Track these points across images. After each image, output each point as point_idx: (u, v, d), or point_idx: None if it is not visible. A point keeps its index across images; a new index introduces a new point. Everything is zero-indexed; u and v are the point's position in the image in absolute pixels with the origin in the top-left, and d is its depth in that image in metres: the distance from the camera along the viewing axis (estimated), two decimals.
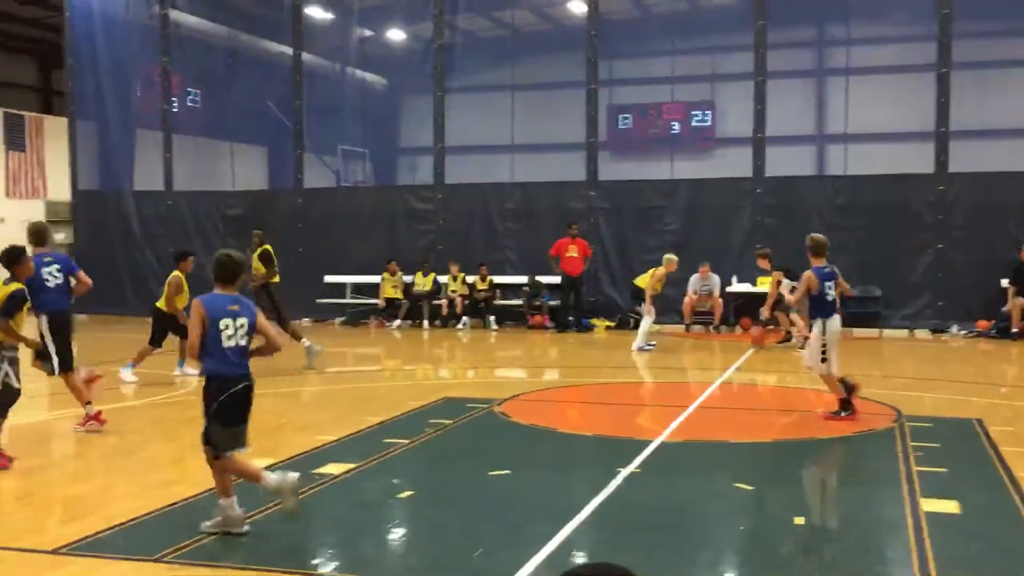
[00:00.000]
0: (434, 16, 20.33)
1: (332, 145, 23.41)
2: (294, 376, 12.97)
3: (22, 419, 10.36)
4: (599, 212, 19.44)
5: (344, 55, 23.10)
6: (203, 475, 7.36)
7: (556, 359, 15.74)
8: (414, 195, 20.79)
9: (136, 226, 21.95)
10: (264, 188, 23.19)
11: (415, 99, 23.60)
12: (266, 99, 22.98)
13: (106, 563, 5.45)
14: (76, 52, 22.29)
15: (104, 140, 22.83)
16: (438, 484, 7.44)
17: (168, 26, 21.81)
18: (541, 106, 21.79)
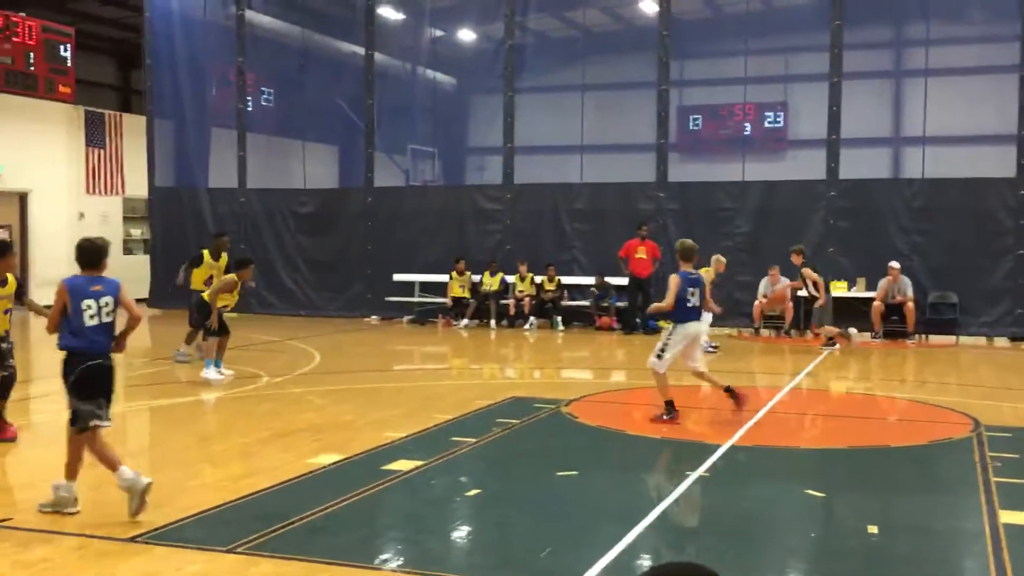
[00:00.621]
0: (505, 17, 20.37)
1: (402, 144, 23.58)
2: (363, 374, 13.09)
3: None
4: (668, 214, 19.30)
5: (415, 55, 23.25)
6: (274, 469, 7.48)
7: (623, 361, 15.66)
8: (483, 195, 20.85)
9: (210, 223, 22.32)
10: (335, 186, 23.46)
11: (485, 99, 23.67)
12: (338, 98, 23.22)
13: (180, 552, 5.55)
14: (155, 52, 22.76)
15: (180, 138, 23.29)
16: (505, 483, 7.44)
17: (244, 26, 22.17)
18: (611, 106, 21.70)
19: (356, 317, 20.96)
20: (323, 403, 10.88)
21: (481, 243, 20.43)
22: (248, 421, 9.67)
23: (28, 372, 13.99)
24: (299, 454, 8.01)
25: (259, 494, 6.81)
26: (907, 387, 12.98)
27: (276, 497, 6.76)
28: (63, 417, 10.15)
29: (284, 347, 15.90)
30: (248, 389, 11.66)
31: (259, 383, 12.03)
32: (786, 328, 18.03)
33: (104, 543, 5.68)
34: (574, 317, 19.59)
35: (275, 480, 7.14)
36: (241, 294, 12.81)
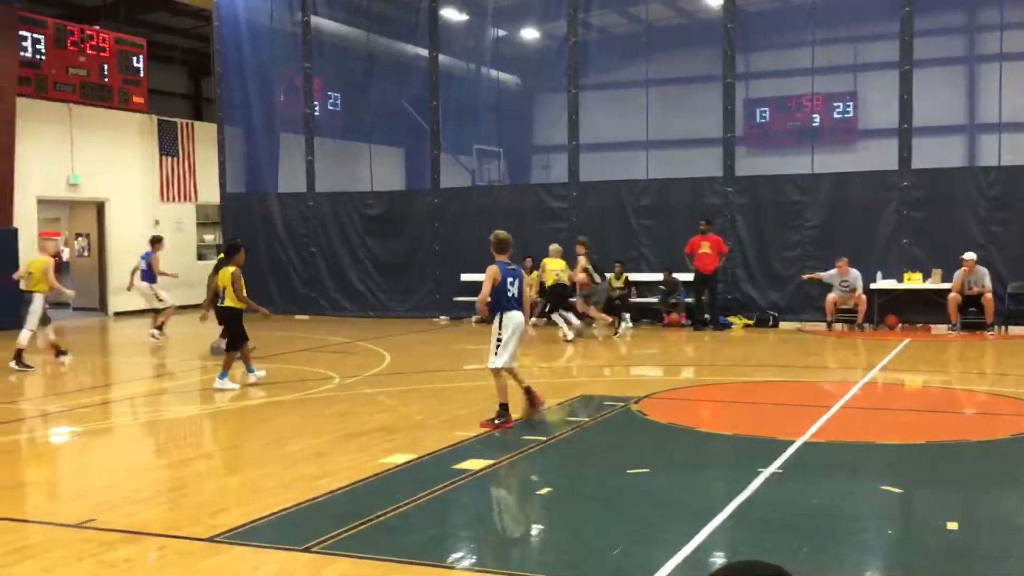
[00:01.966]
0: (568, 14, 20.34)
1: (467, 145, 23.68)
2: (433, 374, 13.18)
3: (176, 412, 10.87)
4: (736, 208, 19.10)
5: (479, 55, 23.33)
6: (348, 469, 7.58)
7: (692, 357, 15.54)
8: (548, 193, 20.85)
9: (280, 227, 22.69)
10: (401, 188, 23.65)
11: (549, 97, 23.66)
12: (403, 101, 23.41)
13: (258, 551, 5.66)
14: (224, 60, 23.19)
15: (250, 144, 23.69)
16: (576, 481, 7.44)
17: (309, 32, 22.46)
18: (676, 101, 21.53)
19: (425, 318, 21.12)
20: (394, 403, 10.99)
21: (547, 241, 20.37)
22: (321, 422, 9.81)
23: (108, 377, 14.38)
24: (372, 454, 8.10)
25: (333, 494, 6.90)
26: (987, 380, 12.68)
27: (350, 497, 6.85)
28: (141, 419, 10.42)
29: (355, 348, 16.09)
30: (321, 390, 11.82)
31: (331, 384, 12.19)
32: (859, 322, 17.71)
33: (184, 543, 5.81)
34: (642, 314, 19.48)
35: (349, 480, 7.23)
36: None
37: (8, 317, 19.86)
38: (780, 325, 18.53)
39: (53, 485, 7.80)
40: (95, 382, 13.69)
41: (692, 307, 18.73)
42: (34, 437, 9.76)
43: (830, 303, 17.80)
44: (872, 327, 17.79)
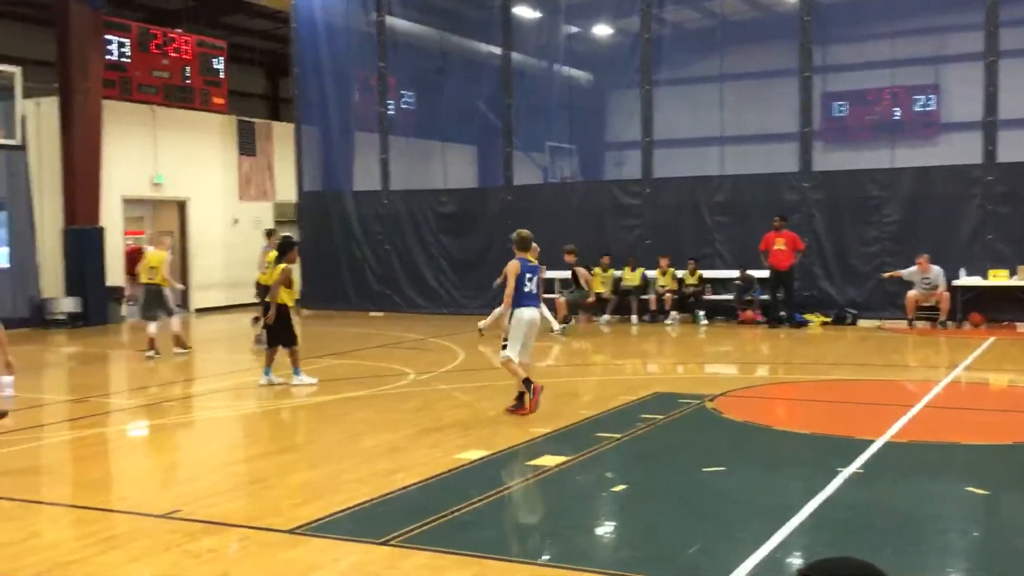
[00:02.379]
0: (641, 10, 20.21)
1: (540, 142, 23.68)
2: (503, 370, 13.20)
3: (255, 406, 11.09)
4: (813, 204, 18.79)
5: (551, 52, 23.31)
6: (423, 464, 7.66)
7: (768, 355, 15.35)
8: (621, 190, 20.76)
9: (355, 225, 22.95)
10: (474, 186, 23.75)
11: (622, 93, 23.53)
12: (475, 99, 23.50)
13: (337, 544, 5.75)
14: (301, 61, 23.53)
15: (326, 143, 24.01)
16: (651, 479, 7.41)
17: (384, 32, 22.68)
18: (751, 96, 21.26)
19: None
20: (468, 399, 11.06)
21: (620, 238, 20.35)
22: (396, 417, 9.92)
23: (191, 371, 14.72)
24: (446, 450, 8.17)
25: (409, 488, 6.98)
26: None
27: (426, 492, 6.92)
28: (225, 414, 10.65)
29: (429, 345, 16.22)
30: (396, 386, 11.95)
31: (406, 380, 12.31)
32: (941, 320, 17.31)
33: (266, 534, 5.93)
34: (717, 311, 19.30)
35: (424, 475, 7.31)
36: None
37: (99, 313, 20.51)
38: (859, 323, 18.19)
39: (139, 477, 8.02)
40: (178, 377, 14.02)
41: (767, 304, 18.50)
42: (121, 430, 10.04)
43: (911, 301, 17.42)
44: (955, 325, 17.37)
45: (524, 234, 10.01)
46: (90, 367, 15.25)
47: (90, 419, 10.27)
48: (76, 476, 8.03)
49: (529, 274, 9.71)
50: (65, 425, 10.10)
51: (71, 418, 10.51)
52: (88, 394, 12.05)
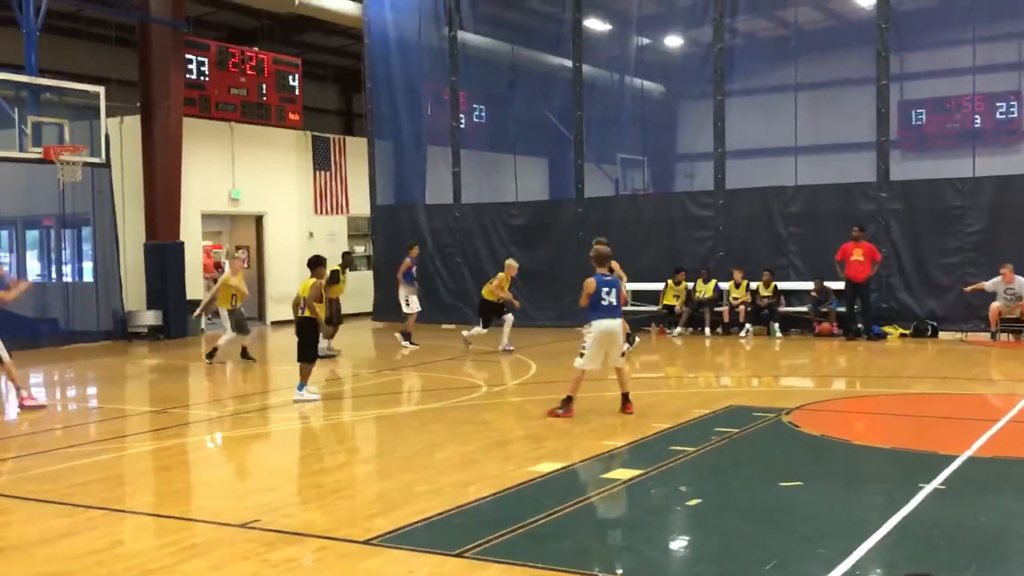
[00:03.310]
0: (713, 20, 20.08)
1: (611, 154, 23.64)
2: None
3: (330, 418, 11.22)
4: (890, 214, 18.44)
5: (622, 64, 23.28)
6: (497, 476, 7.67)
7: (845, 368, 15.08)
8: (693, 201, 20.61)
9: (428, 238, 23.13)
10: (545, 198, 23.79)
11: (693, 104, 23.38)
12: (547, 111, 23.57)
13: (412, 555, 5.79)
14: (374, 76, 23.85)
15: (399, 157, 24.28)
16: (726, 493, 7.32)
17: (456, 47, 22.88)
18: (826, 105, 20.96)
19: (570, 327, 21.13)
20: (541, 412, 11.05)
21: (693, 250, 20.19)
22: (469, 429, 9.95)
23: (267, 383, 14.96)
24: (519, 462, 8.17)
25: (483, 500, 7.00)
26: None
27: (499, 504, 6.93)
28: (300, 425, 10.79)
29: (501, 357, 16.26)
30: (469, 398, 11.99)
31: (479, 392, 12.35)
32: None
33: (343, 545, 6.00)
34: (792, 323, 19.03)
35: (498, 487, 7.32)
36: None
37: (179, 325, 20.98)
38: (940, 335, 17.78)
39: (218, 487, 8.17)
40: (255, 388, 14.26)
41: (844, 316, 18.18)
42: (200, 440, 10.25)
43: (994, 312, 16.98)
44: None
45: (602, 252, 10.51)
46: (170, 379, 15.59)
47: (170, 430, 10.50)
48: (158, 486, 8.21)
49: (606, 287, 10.17)
50: (147, 436, 10.34)
51: (152, 429, 10.75)
52: (168, 405, 12.32)
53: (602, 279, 10.23)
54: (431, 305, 22.81)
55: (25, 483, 8.04)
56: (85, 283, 20.77)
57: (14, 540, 6.35)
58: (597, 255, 10.45)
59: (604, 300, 10.16)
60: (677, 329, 19.57)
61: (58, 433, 10.45)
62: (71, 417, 11.27)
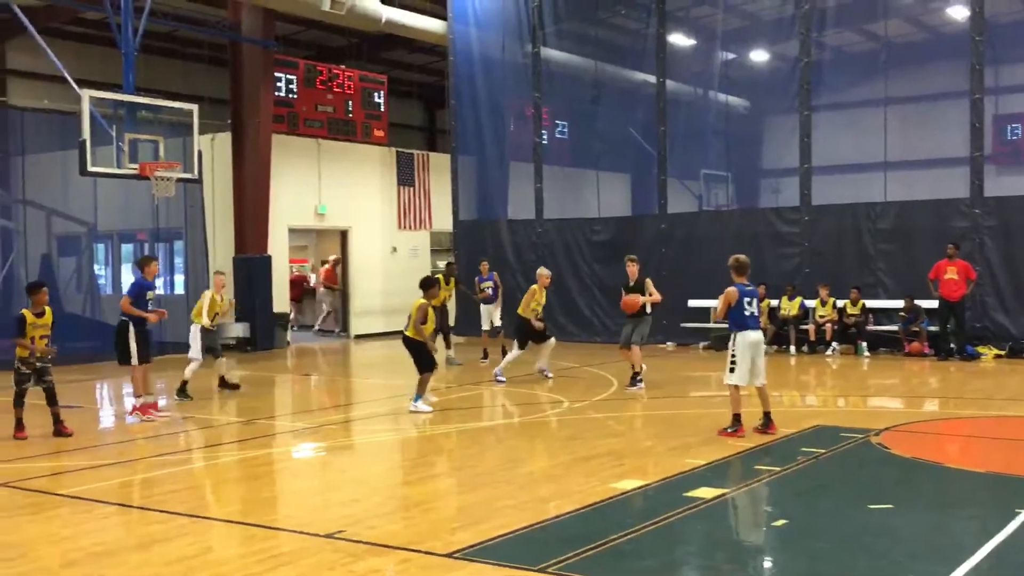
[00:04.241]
0: (800, 34, 19.81)
1: (695, 169, 23.45)
2: (661, 400, 13.08)
3: (413, 431, 11.31)
4: (985, 231, 17.93)
5: (706, 79, 23.10)
6: (578, 492, 7.65)
7: (937, 388, 14.68)
8: (779, 217, 20.32)
9: (510, 253, 23.22)
10: (628, 214, 23.70)
11: (779, 119, 23.07)
12: (629, 127, 23.50)
13: (495, 569, 5.80)
14: (458, 93, 24.07)
15: (481, 173, 24.45)
16: (813, 514, 7.18)
17: (540, 63, 22.98)
18: (917, 120, 20.50)
19: (652, 343, 20.99)
20: (623, 428, 11.00)
21: (778, 267, 19.89)
22: (551, 445, 9.95)
23: (350, 396, 15.16)
24: (602, 478, 8.14)
25: (564, 516, 6.99)
26: None
27: (581, 520, 6.91)
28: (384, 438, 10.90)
29: (582, 373, 16.22)
30: (550, 414, 11.99)
31: (560, 408, 12.33)
32: None
33: (426, 557, 6.04)
34: (880, 342, 18.60)
35: (579, 503, 7.30)
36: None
37: (266, 338, 21.39)
38: None
39: (303, 497, 8.29)
40: (339, 401, 14.46)
41: (936, 335, 17.70)
42: (285, 451, 10.42)
43: None
44: None
45: (742, 259, 10.32)
46: (256, 390, 15.88)
47: (257, 440, 10.70)
48: (245, 495, 8.36)
49: (748, 297, 10.06)
50: (234, 446, 10.55)
51: (239, 439, 10.97)
52: (255, 416, 12.56)
53: (743, 289, 10.07)
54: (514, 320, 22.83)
55: (120, 490, 8.27)
56: (176, 295, 21.29)
57: (110, 545, 6.53)
58: (738, 264, 10.25)
59: (747, 310, 10.02)
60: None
61: (150, 442, 10.73)
62: (162, 426, 11.57)
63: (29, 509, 7.59)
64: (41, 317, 10.64)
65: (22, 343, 10.53)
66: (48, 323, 10.71)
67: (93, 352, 17.72)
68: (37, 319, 10.59)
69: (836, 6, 20.18)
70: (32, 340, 10.55)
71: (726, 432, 9.89)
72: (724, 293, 10.07)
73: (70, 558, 6.19)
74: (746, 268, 10.25)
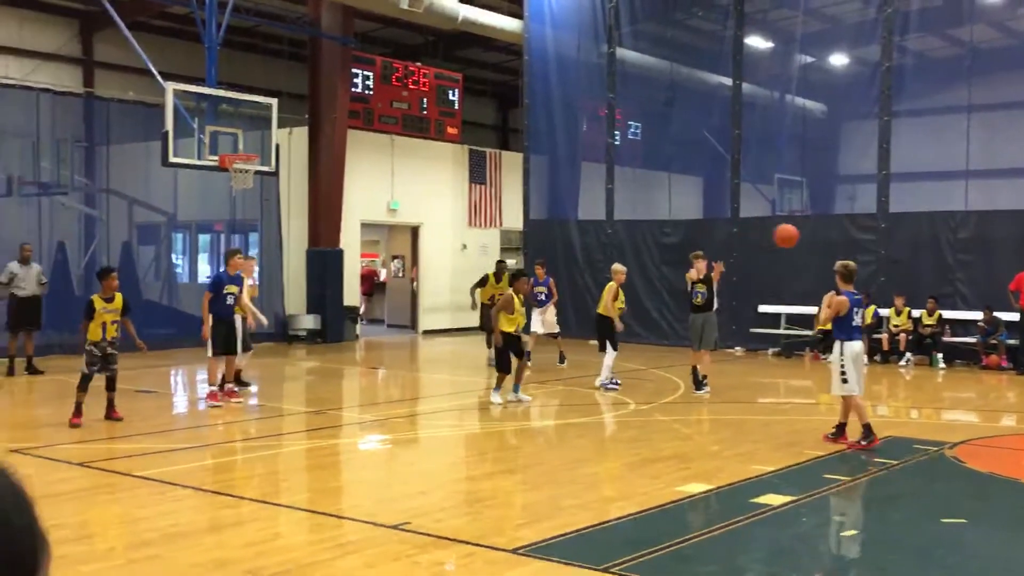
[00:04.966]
0: (882, 38, 19.45)
1: (768, 174, 23.16)
2: (728, 405, 12.97)
3: (478, 427, 11.37)
4: None
5: (783, 83, 22.80)
6: (643, 494, 7.62)
7: (1016, 403, 14.31)
8: (854, 224, 19.97)
9: (579, 253, 23.19)
10: (699, 217, 23.51)
11: (857, 124, 22.67)
12: (703, 130, 23.31)
13: (558, 567, 5.81)
14: (532, 92, 24.09)
15: (553, 173, 24.45)
16: (884, 526, 7.07)
17: (615, 63, 22.91)
18: (1002, 127, 19.98)
19: (720, 348, 20.81)
20: (689, 432, 10.93)
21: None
22: (616, 446, 9.93)
23: (416, 391, 15.29)
24: (666, 481, 8.10)
25: (628, 518, 6.97)
26: None
27: (645, 522, 6.88)
28: (450, 432, 10.98)
29: (649, 375, 16.15)
30: (616, 415, 11.96)
31: (626, 410, 12.30)
32: None
33: (490, 552, 6.07)
34: (956, 354, 18.19)
35: (643, 505, 7.27)
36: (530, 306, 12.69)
37: (335, 330, 21.66)
38: None
39: (370, 488, 8.39)
40: (405, 395, 14.60)
41: (1015, 349, 17.26)
42: (352, 442, 10.56)
43: None
44: None
45: (852, 266, 10.12)
46: (326, 382, 16.11)
47: (325, 431, 10.86)
48: (313, 483, 8.50)
49: (856, 307, 9.89)
50: (303, 435, 10.72)
51: (308, 429, 11.14)
52: (323, 407, 12.74)
53: (851, 297, 9.85)
54: (580, 321, 22.82)
55: (194, 474, 8.46)
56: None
57: (184, 527, 6.69)
58: (847, 271, 9.99)
59: (855, 320, 9.90)
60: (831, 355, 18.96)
61: (223, 428, 10.95)
62: (234, 414, 11.79)
63: (106, 489, 7.80)
64: (111, 303, 10.63)
65: (89, 327, 10.51)
66: (118, 308, 10.67)
67: (169, 339, 18.13)
68: (107, 304, 10.61)
69: (920, 10, 19.78)
70: (103, 325, 10.56)
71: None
72: (833, 301, 9.82)
73: (144, 538, 6.35)
74: (854, 275, 10.06)
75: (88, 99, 20.43)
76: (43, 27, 21.82)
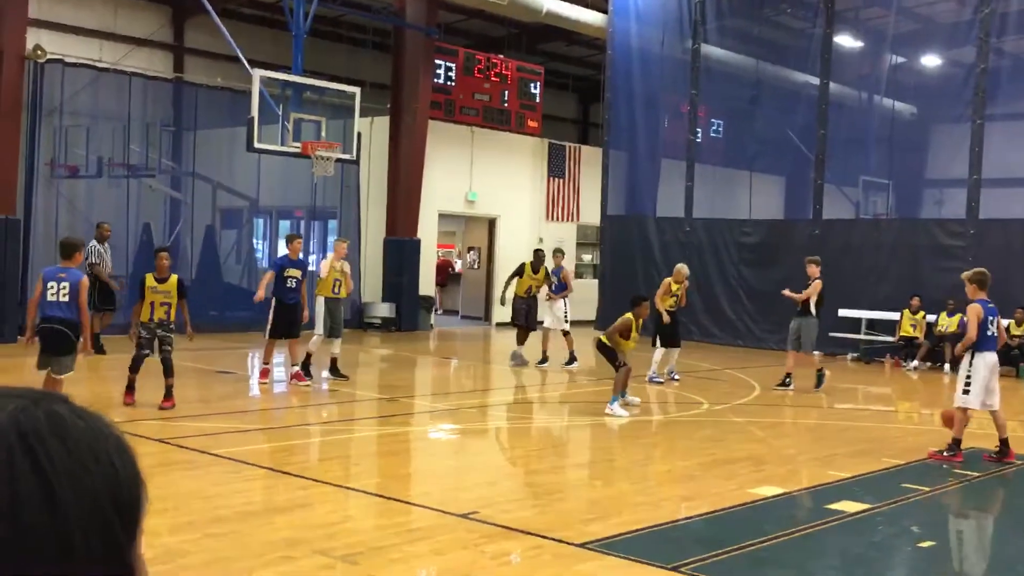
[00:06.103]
0: (978, 39, 18.88)
1: (853, 176, 22.70)
2: (805, 409, 12.75)
3: (548, 420, 11.34)
4: None
5: (872, 83, 22.30)
6: (715, 495, 7.52)
7: None
8: (941, 229, 19.45)
9: (656, 250, 22.98)
10: (780, 217, 23.14)
11: (947, 127, 22.08)
12: (787, 129, 22.91)
13: (627, 564, 5.76)
14: (614, 87, 23.94)
15: (632, 168, 24.25)
16: (963, 538, 6.88)
17: (699, 60, 22.63)
18: None
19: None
20: (764, 434, 10.76)
21: (938, 281, 19.03)
22: (690, 445, 9.81)
23: (488, 382, 15.31)
24: (740, 483, 7.98)
25: (700, 517, 6.89)
26: None
27: (717, 522, 6.79)
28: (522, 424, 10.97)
29: (724, 376, 15.96)
30: (690, 414, 11.83)
31: (700, 409, 12.16)
32: None
33: (558, 546, 6.04)
34: None
35: (716, 506, 7.17)
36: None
37: (410, 320, 21.83)
38: None
39: (440, 476, 8.42)
40: (477, 386, 14.63)
41: None
42: (424, 430, 10.61)
43: None
44: None
45: (987, 273, 9.67)
46: (399, 369, 16.23)
47: (398, 418, 10.93)
48: (383, 469, 8.57)
49: (991, 316, 9.37)
50: (375, 421, 10.81)
51: (380, 415, 11.23)
52: (396, 394, 12.83)
53: (985, 305, 9.32)
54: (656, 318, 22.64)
55: (267, 454, 8.59)
56: None
57: (258, 506, 6.80)
58: (982, 278, 9.53)
59: (989, 330, 9.33)
60: (914, 363, 18.53)
61: (297, 412, 11.10)
62: (310, 398, 11.95)
63: (183, 466, 7.96)
64: (163, 283, 10.16)
65: (140, 307, 10.19)
66: (170, 290, 10.14)
67: (248, 322, 18.44)
68: (159, 284, 10.15)
69: (1019, 11, 19.15)
70: (152, 306, 10.08)
71: (940, 455, 9.12)
72: (971, 311, 9.28)
73: (219, 514, 6.46)
74: (988, 283, 9.55)
75: (177, 84, 20.87)
76: (137, 13, 22.34)
